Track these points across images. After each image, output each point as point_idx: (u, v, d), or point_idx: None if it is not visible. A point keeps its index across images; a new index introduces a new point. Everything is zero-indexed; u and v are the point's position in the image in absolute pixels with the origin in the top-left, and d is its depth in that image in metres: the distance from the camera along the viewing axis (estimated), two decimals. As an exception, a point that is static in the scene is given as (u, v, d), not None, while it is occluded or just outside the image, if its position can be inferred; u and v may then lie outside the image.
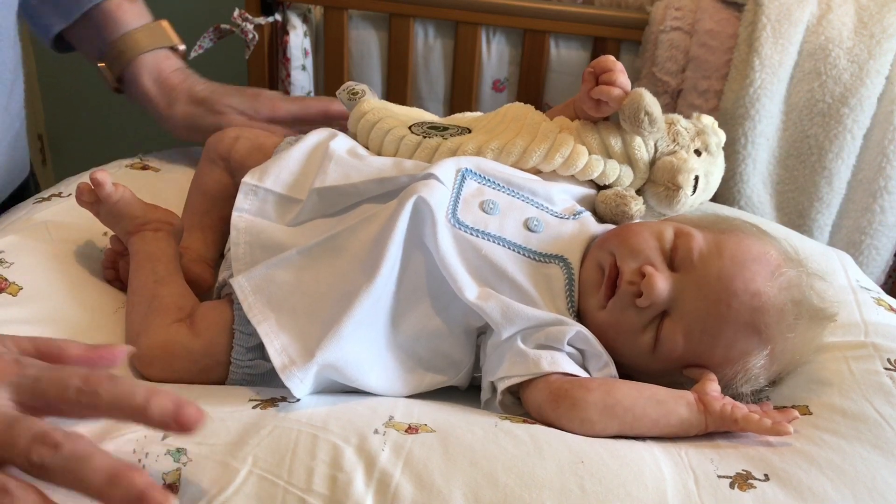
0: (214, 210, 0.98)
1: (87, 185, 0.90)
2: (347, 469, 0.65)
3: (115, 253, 0.93)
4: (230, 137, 1.00)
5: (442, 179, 0.86)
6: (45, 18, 1.10)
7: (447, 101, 1.62)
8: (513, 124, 1.01)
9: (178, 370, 0.81)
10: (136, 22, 1.12)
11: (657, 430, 0.77)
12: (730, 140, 1.22)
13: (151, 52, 1.12)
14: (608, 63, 0.97)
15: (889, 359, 0.85)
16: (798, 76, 1.37)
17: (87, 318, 0.87)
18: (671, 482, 0.68)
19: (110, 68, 1.12)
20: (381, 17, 1.57)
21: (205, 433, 0.68)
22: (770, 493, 0.69)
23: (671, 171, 0.99)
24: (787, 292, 0.81)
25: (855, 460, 0.73)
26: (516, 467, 0.67)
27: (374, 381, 0.80)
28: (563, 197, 0.95)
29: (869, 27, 1.35)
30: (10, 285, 0.85)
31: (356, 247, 0.83)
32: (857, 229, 1.41)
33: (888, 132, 1.35)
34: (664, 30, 1.42)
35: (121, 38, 1.11)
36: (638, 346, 0.83)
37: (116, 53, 1.11)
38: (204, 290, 0.94)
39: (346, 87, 1.07)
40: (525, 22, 1.50)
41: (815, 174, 1.39)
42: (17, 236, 0.92)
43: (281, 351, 0.78)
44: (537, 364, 0.79)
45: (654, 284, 0.81)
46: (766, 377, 0.84)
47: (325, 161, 0.92)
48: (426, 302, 0.84)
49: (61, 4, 1.09)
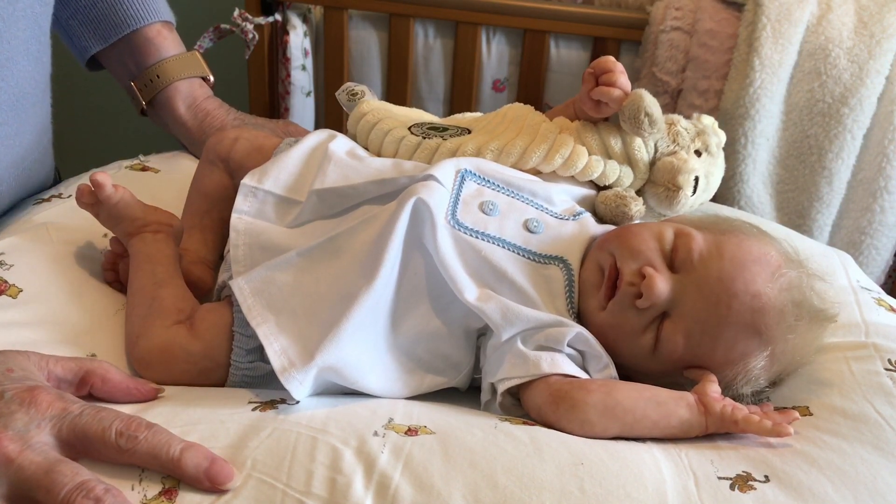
0: (214, 211, 0.98)
1: (87, 187, 0.90)
2: (347, 471, 0.65)
3: (115, 255, 0.93)
4: (229, 139, 1.00)
5: (441, 181, 0.86)
6: (83, 40, 1.13)
7: (447, 101, 1.62)
8: (513, 125, 1.01)
9: (178, 372, 0.81)
10: (173, 50, 1.16)
11: (657, 432, 0.77)
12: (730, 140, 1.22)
13: (186, 80, 1.17)
14: (608, 64, 0.97)
15: (890, 359, 0.85)
16: (798, 76, 1.37)
17: (87, 319, 0.87)
18: (671, 483, 0.68)
19: (141, 92, 1.16)
20: (381, 17, 1.57)
21: (204, 435, 0.68)
22: (770, 494, 0.69)
23: (671, 171, 0.99)
24: (787, 293, 0.81)
25: (855, 461, 0.73)
26: (516, 469, 0.66)
27: (373, 383, 0.80)
28: (562, 198, 0.95)
29: (869, 27, 1.35)
30: (10, 287, 0.85)
31: (356, 248, 0.83)
32: (857, 229, 1.41)
33: (888, 132, 1.35)
34: (664, 30, 1.42)
35: (158, 64, 1.14)
36: (638, 348, 0.83)
37: (152, 78, 1.15)
38: (204, 291, 0.94)
39: (345, 87, 1.07)
40: (525, 22, 1.50)
41: (815, 174, 1.39)
42: (17, 238, 0.92)
43: (280, 353, 0.78)
44: (537, 365, 0.79)
45: (654, 285, 0.81)
46: (767, 378, 0.83)
47: (324, 162, 0.92)
48: (426, 303, 0.83)
49: (101, 27, 1.12)
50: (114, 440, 0.62)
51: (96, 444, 0.63)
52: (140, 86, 1.16)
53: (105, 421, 0.63)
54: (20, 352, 0.70)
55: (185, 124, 1.17)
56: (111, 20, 1.11)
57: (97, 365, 0.73)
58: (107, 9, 1.11)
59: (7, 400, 0.63)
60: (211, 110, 1.18)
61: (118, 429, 0.63)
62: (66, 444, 0.63)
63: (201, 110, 1.17)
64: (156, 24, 1.14)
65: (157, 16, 1.14)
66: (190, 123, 1.17)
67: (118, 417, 0.64)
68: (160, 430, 0.64)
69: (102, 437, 0.63)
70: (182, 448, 0.63)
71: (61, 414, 0.63)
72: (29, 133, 1.00)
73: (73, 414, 0.64)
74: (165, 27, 1.16)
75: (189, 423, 0.70)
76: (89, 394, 0.73)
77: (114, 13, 1.11)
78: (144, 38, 1.14)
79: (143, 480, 0.64)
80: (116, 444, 0.62)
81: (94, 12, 1.11)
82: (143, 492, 0.63)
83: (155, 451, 0.62)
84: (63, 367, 0.71)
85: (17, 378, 0.66)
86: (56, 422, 0.63)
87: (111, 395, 0.73)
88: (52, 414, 0.63)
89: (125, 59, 1.15)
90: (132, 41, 1.13)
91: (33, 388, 0.65)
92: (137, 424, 0.64)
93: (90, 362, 0.73)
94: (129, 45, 1.14)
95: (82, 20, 1.11)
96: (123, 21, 1.11)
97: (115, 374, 0.74)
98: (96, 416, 0.64)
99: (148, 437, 0.63)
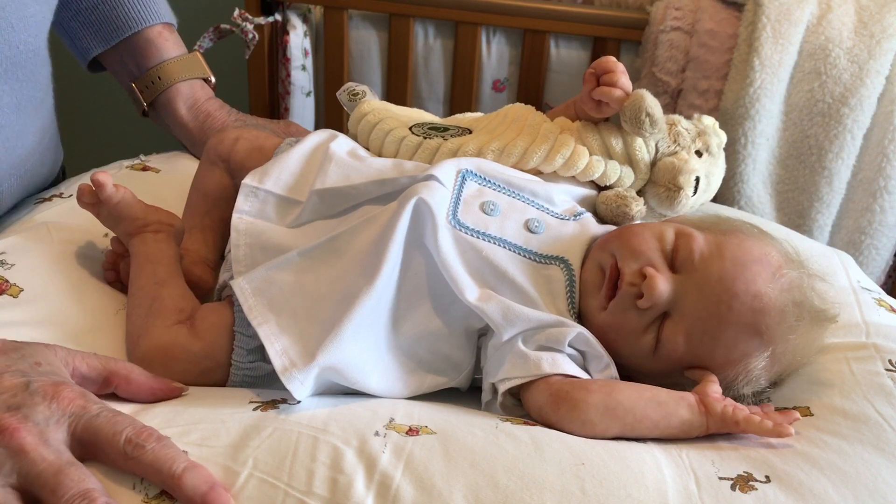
0: (215, 211, 0.98)
1: (87, 187, 0.90)
2: (348, 471, 0.65)
3: (115, 254, 0.93)
4: (230, 139, 1.00)
5: (442, 181, 0.86)
6: (84, 42, 1.13)
7: (447, 101, 1.62)
8: (514, 125, 1.01)
9: (179, 372, 0.81)
10: (174, 51, 1.16)
11: (658, 432, 0.77)
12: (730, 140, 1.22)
13: (188, 82, 1.17)
14: (609, 64, 0.97)
15: (890, 360, 0.85)
16: (798, 76, 1.37)
17: (88, 319, 0.86)
18: (672, 484, 0.68)
19: (143, 93, 1.16)
20: (381, 17, 1.57)
21: (205, 435, 0.68)
22: (771, 494, 0.69)
23: (672, 171, 0.99)
24: (788, 294, 0.81)
25: (856, 462, 0.73)
26: (517, 469, 0.67)
27: (374, 383, 0.80)
28: (563, 198, 0.95)
29: (869, 27, 1.35)
30: (11, 287, 0.85)
31: (357, 248, 0.83)
32: (857, 229, 1.41)
33: (888, 132, 1.35)
34: (664, 30, 1.42)
35: (160, 66, 1.15)
36: (639, 348, 0.83)
37: (153, 79, 1.15)
38: (204, 291, 0.94)
39: (346, 87, 1.07)
40: (525, 22, 1.50)
41: (815, 174, 1.39)
42: (18, 237, 0.92)
43: (281, 353, 0.78)
44: (538, 365, 0.79)
45: (655, 286, 0.81)
46: (768, 378, 0.83)
47: (325, 162, 0.92)
48: (427, 303, 0.83)
49: (103, 29, 1.12)
50: (122, 446, 0.63)
51: (105, 447, 0.63)
52: (141, 87, 1.16)
53: (118, 426, 0.64)
54: (48, 345, 0.71)
55: (186, 126, 1.17)
56: (113, 22, 1.11)
57: (121, 366, 0.74)
58: (109, 11, 1.11)
59: (31, 391, 0.64)
60: (212, 111, 1.18)
61: (128, 435, 0.63)
62: (78, 442, 0.63)
63: (202, 111, 1.18)
64: (157, 26, 1.14)
65: (159, 17, 1.14)
66: (191, 125, 1.17)
67: (132, 425, 0.64)
68: (169, 444, 0.64)
69: (112, 441, 0.63)
70: (185, 467, 0.62)
71: (80, 412, 0.64)
72: (31, 135, 1.00)
73: (90, 413, 0.64)
74: (167, 29, 1.16)
75: (190, 422, 0.70)
76: (113, 394, 0.73)
77: (115, 15, 1.11)
78: (146, 40, 1.14)
79: (144, 480, 0.64)
80: (123, 450, 0.62)
81: (95, 14, 1.11)
82: (144, 490, 0.63)
83: (158, 464, 0.62)
84: (88, 364, 0.71)
85: (44, 372, 0.67)
86: (74, 419, 0.64)
87: (135, 395, 0.74)
88: (72, 411, 0.64)
89: (126, 60, 1.15)
90: (134, 43, 1.14)
91: (58, 384, 0.65)
92: (148, 435, 0.64)
93: (114, 363, 0.74)
94: (130, 46, 1.14)
95: (84, 22, 1.11)
96: (125, 23, 1.12)
97: (139, 374, 0.74)
98: (111, 420, 0.64)
99: (155, 448, 0.63)
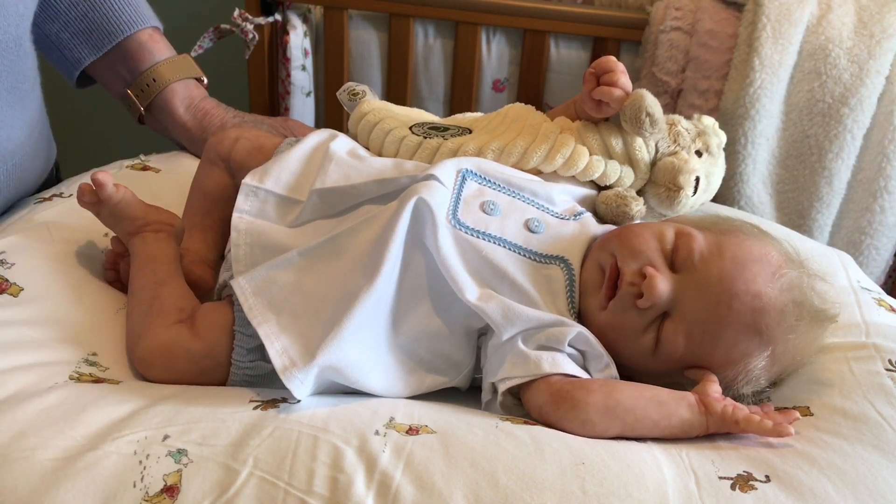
0: (215, 211, 0.98)
1: (88, 186, 0.90)
2: (348, 470, 0.65)
3: (115, 254, 0.93)
4: (230, 138, 1.00)
5: (442, 180, 0.86)
6: (75, 51, 1.13)
7: (447, 101, 1.62)
8: (514, 125, 1.01)
9: (179, 371, 0.81)
10: (165, 53, 1.17)
11: (658, 432, 0.77)
12: (730, 140, 1.22)
13: (182, 81, 1.17)
14: (609, 64, 0.97)
15: (890, 360, 0.85)
16: (798, 76, 1.37)
17: (88, 319, 0.87)
18: (672, 483, 0.68)
19: (138, 97, 1.16)
20: (381, 17, 1.57)
21: (205, 434, 0.68)
22: (771, 494, 0.69)
23: (672, 171, 0.99)
24: (788, 293, 0.81)
25: (856, 461, 0.73)
26: (517, 468, 0.67)
27: (374, 383, 0.80)
28: (563, 198, 0.95)
29: (869, 27, 1.35)
30: (11, 286, 0.85)
31: (357, 248, 0.83)
32: (857, 229, 1.41)
33: (888, 132, 1.35)
34: (664, 30, 1.42)
35: (153, 68, 1.15)
36: (639, 347, 0.83)
37: (147, 82, 1.15)
38: (205, 291, 0.94)
39: (346, 87, 1.07)
40: (525, 22, 1.50)
41: (815, 174, 1.39)
42: (18, 237, 0.92)
43: (282, 352, 0.78)
44: (538, 365, 0.79)
45: (654, 285, 0.81)
46: (767, 378, 0.83)
47: (325, 162, 0.92)
48: (427, 303, 0.83)
49: (94, 37, 1.12)
50: None
51: None
52: (136, 92, 1.16)
53: None
54: None
55: (184, 125, 1.17)
56: (104, 28, 1.11)
57: None
58: (99, 18, 1.11)
59: None
60: (209, 109, 1.18)
61: None
62: None
63: (200, 110, 1.17)
64: (147, 29, 1.15)
65: (148, 21, 1.15)
66: (190, 124, 1.17)
67: None
68: None
69: None
70: None
71: None
72: (19, 128, 0.99)
73: None
74: (156, 32, 1.17)
75: (190, 421, 0.70)
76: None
77: (106, 21, 1.11)
78: (138, 44, 1.14)
79: (145, 479, 0.64)
80: None
81: (85, 23, 1.11)
82: (144, 490, 0.63)
83: None
84: None
85: None
86: None
87: None
88: None
89: (118, 67, 1.15)
90: (126, 47, 1.14)
91: None
92: None
93: None
94: (122, 52, 1.14)
95: (74, 32, 1.11)
96: (117, 28, 1.12)
97: None
98: None
99: None
